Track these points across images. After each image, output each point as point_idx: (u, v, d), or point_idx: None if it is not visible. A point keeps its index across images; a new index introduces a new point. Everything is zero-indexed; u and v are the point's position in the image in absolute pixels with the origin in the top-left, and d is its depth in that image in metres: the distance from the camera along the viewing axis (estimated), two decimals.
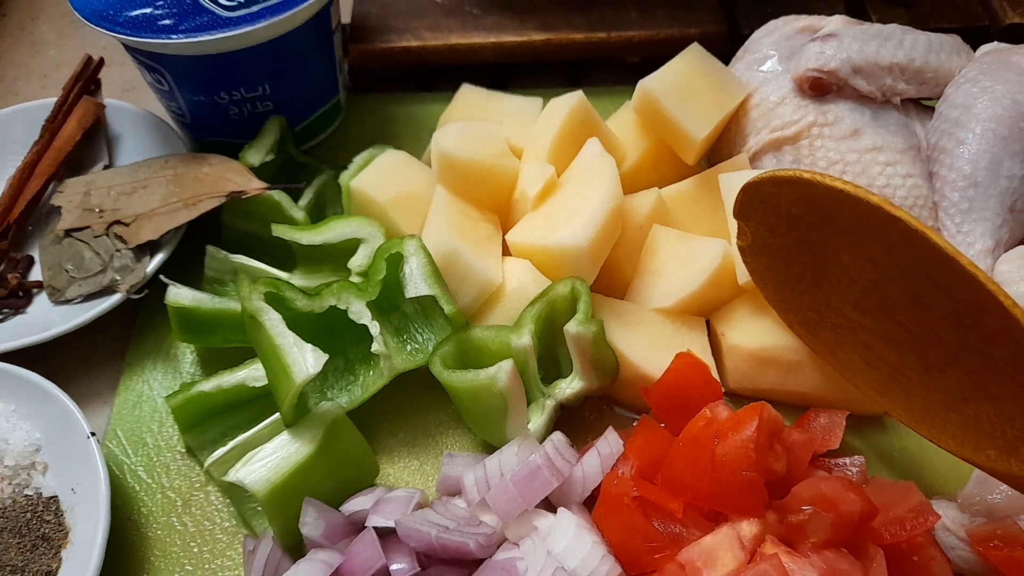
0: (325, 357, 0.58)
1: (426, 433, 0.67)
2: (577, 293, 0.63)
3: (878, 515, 0.55)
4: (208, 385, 0.64)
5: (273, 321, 0.59)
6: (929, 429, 0.54)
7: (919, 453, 0.65)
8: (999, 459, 0.49)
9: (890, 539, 0.55)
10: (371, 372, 0.66)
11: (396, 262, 0.66)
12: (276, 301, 0.61)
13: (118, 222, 0.74)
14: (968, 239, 0.65)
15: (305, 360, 0.57)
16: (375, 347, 0.63)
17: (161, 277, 0.68)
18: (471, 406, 0.61)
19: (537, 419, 0.62)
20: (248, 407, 0.66)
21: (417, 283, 0.65)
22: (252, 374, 0.65)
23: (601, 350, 0.63)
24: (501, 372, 0.58)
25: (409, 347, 0.68)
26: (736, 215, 0.58)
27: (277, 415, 0.62)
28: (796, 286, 0.58)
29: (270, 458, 0.58)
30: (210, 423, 0.66)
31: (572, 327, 0.61)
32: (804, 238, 0.53)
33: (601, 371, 0.64)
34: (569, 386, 0.63)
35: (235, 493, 0.63)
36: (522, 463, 0.57)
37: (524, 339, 0.62)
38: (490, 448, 0.64)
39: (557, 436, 0.60)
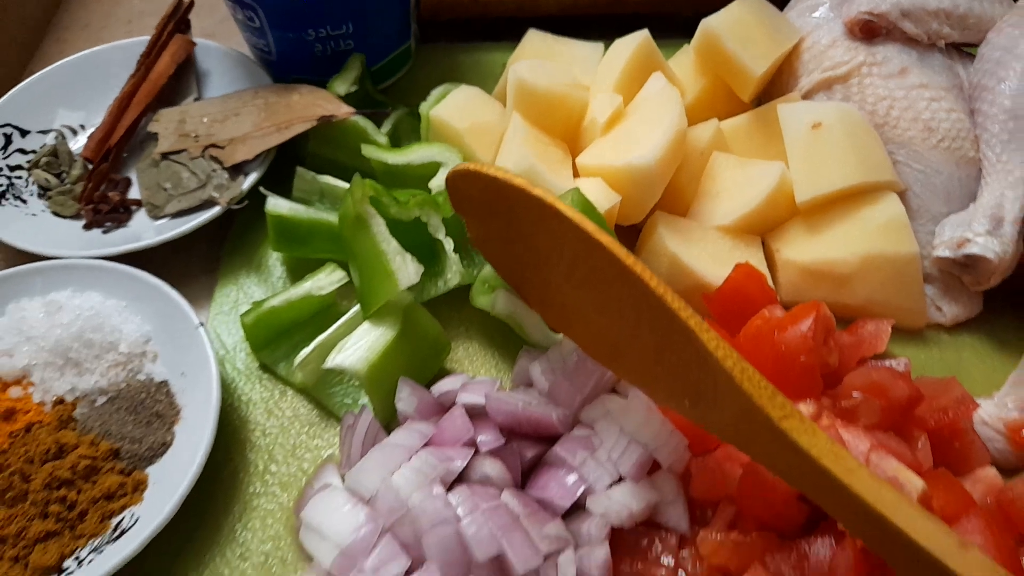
0: (422, 268, 0.64)
1: (502, 335, 0.72)
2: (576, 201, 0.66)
3: (923, 401, 0.60)
4: (277, 300, 0.70)
5: (379, 226, 0.64)
6: (647, 386, 0.56)
7: (957, 364, 0.70)
8: (692, 407, 0.52)
9: (934, 425, 0.60)
10: (437, 280, 0.72)
11: None
12: (375, 205, 0.67)
13: (213, 145, 0.80)
14: (1008, 167, 0.70)
15: (408, 268, 0.63)
16: (449, 250, 0.68)
17: (260, 189, 0.74)
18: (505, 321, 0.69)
19: None
20: (311, 323, 0.71)
21: None
22: (315, 284, 0.70)
23: None
24: (499, 297, 0.66)
25: (476, 271, 0.73)
26: (454, 210, 0.61)
27: (345, 319, 0.68)
28: (523, 269, 0.59)
29: (361, 342, 0.64)
30: (279, 341, 0.71)
31: None
32: (508, 223, 0.55)
33: None
34: None
35: (321, 390, 0.69)
36: (571, 353, 0.63)
37: None
38: None
39: None
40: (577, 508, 0.59)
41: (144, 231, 0.78)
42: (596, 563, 0.56)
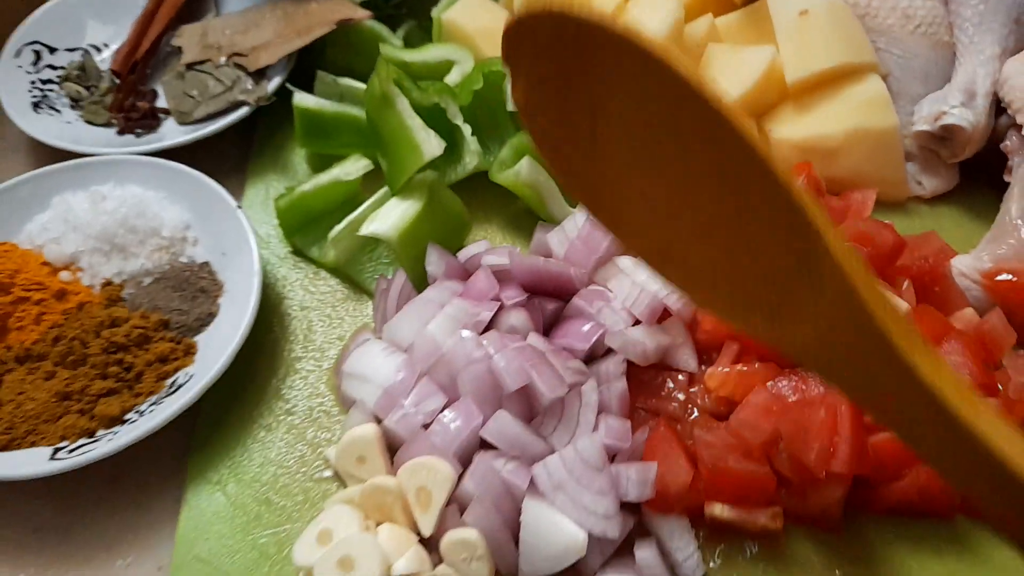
0: (444, 143, 0.69)
1: (518, 220, 0.78)
2: None
3: (906, 250, 0.66)
4: (307, 186, 0.75)
5: (404, 104, 0.70)
6: (706, 295, 0.48)
7: (936, 230, 0.76)
8: (765, 323, 0.44)
9: (916, 272, 0.67)
10: (456, 166, 0.77)
11: (496, 79, 0.76)
12: (398, 86, 0.72)
13: (236, 54, 0.85)
14: (979, 47, 0.76)
15: (432, 141, 0.69)
16: (467, 134, 0.74)
17: (287, 85, 0.78)
18: (523, 194, 0.73)
19: None
20: (339, 211, 0.75)
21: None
22: (342, 171, 0.75)
23: None
24: (524, 165, 0.71)
25: (492, 157, 0.78)
26: (504, 59, 0.47)
27: (373, 199, 0.74)
28: (575, 148, 0.49)
29: (392, 213, 0.69)
30: (310, 228, 0.76)
31: None
32: (574, 83, 0.45)
33: None
34: None
35: (353, 267, 0.74)
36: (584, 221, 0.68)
37: None
38: None
39: None
40: (595, 359, 0.65)
41: (174, 135, 0.82)
42: (615, 394, 0.62)
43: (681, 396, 0.64)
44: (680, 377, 0.65)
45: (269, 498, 0.63)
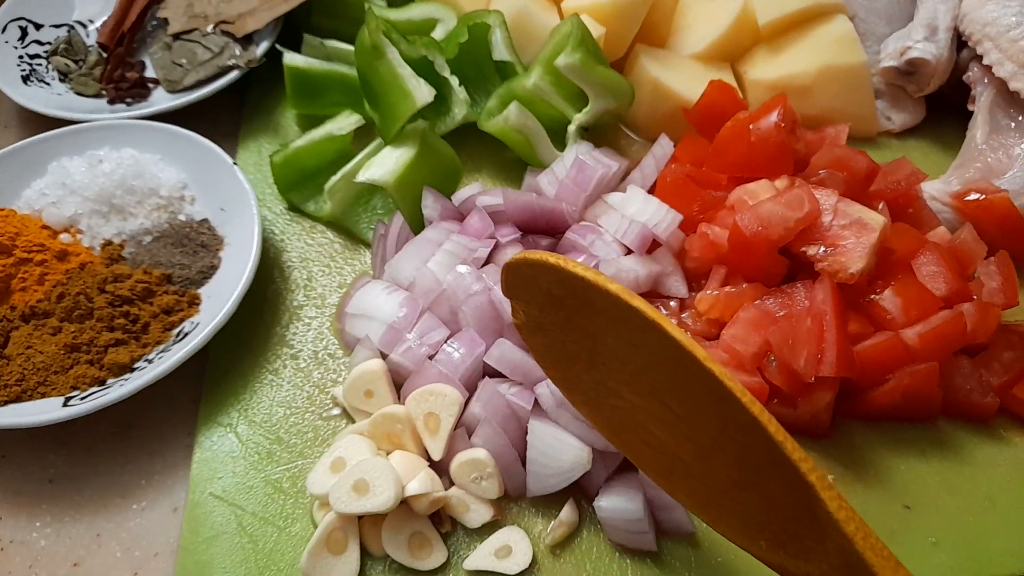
0: (434, 90, 0.71)
1: (507, 169, 0.80)
2: (570, 29, 0.73)
3: (879, 172, 0.69)
4: (301, 141, 0.77)
5: (394, 53, 0.72)
6: (709, 514, 0.51)
7: None
8: (770, 550, 0.46)
9: (890, 195, 0.70)
10: (445, 118, 0.79)
11: (480, 32, 0.79)
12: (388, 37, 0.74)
13: (223, 22, 0.86)
14: None
15: (422, 88, 0.71)
16: (455, 85, 0.76)
17: (277, 46, 0.80)
18: (512, 141, 0.75)
19: (570, 142, 0.76)
20: (331, 168, 0.77)
21: (500, 50, 0.78)
22: (334, 126, 0.77)
23: (595, 73, 0.73)
24: (512, 110, 0.73)
25: (479, 109, 0.81)
26: (504, 293, 0.54)
27: (367, 151, 0.76)
28: (574, 365, 0.54)
29: (386, 160, 0.71)
30: (304, 184, 0.78)
31: (560, 60, 0.73)
32: (571, 318, 0.50)
33: (611, 92, 0.75)
34: (587, 110, 0.76)
35: (349, 219, 0.76)
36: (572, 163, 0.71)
37: (531, 80, 0.75)
38: None
39: (584, 146, 0.74)
40: None
41: (165, 102, 0.84)
42: None
43: (673, 321, 0.66)
44: (672, 303, 0.68)
45: (280, 436, 0.64)
